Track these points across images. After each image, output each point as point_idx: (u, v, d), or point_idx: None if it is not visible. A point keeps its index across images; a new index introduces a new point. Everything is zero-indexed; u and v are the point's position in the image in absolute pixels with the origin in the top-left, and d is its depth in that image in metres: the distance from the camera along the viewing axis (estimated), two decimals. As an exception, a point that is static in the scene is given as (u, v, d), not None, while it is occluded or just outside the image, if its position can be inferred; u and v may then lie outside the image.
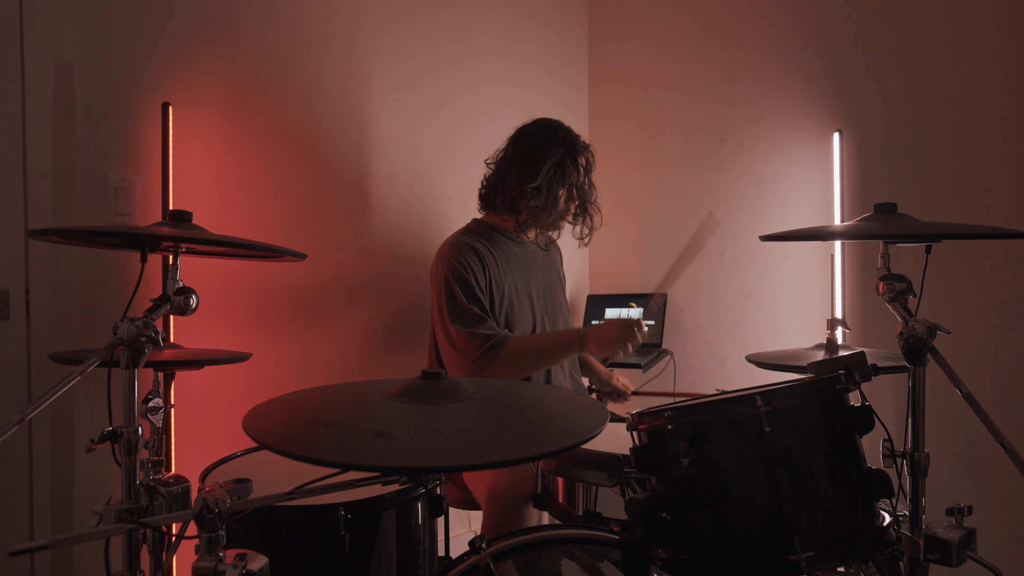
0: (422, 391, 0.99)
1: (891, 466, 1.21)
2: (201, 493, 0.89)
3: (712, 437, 1.02)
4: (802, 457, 1.01)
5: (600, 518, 1.46)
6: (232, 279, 2.02)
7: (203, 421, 1.94)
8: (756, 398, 0.99)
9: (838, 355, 1.23)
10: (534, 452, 0.88)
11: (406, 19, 2.46)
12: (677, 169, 2.84)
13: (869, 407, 1.08)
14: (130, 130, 1.88)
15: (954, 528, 1.15)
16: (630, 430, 1.13)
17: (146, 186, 1.90)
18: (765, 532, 0.98)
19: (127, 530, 0.90)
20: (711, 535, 1.00)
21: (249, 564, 0.91)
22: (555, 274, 2.21)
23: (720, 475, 1.01)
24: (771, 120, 2.55)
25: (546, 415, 1.02)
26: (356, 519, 1.26)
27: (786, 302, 2.52)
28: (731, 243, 2.66)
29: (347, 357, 2.30)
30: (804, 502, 0.98)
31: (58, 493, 1.75)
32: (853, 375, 1.08)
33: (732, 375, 2.65)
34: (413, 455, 0.82)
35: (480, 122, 2.66)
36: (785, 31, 2.51)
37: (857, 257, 2.32)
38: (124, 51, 1.86)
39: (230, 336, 2.01)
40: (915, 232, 1.15)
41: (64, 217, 1.78)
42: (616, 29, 3.09)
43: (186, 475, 1.37)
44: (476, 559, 1.14)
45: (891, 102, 2.23)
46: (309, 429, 0.89)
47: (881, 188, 2.25)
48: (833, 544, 0.98)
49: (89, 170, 1.82)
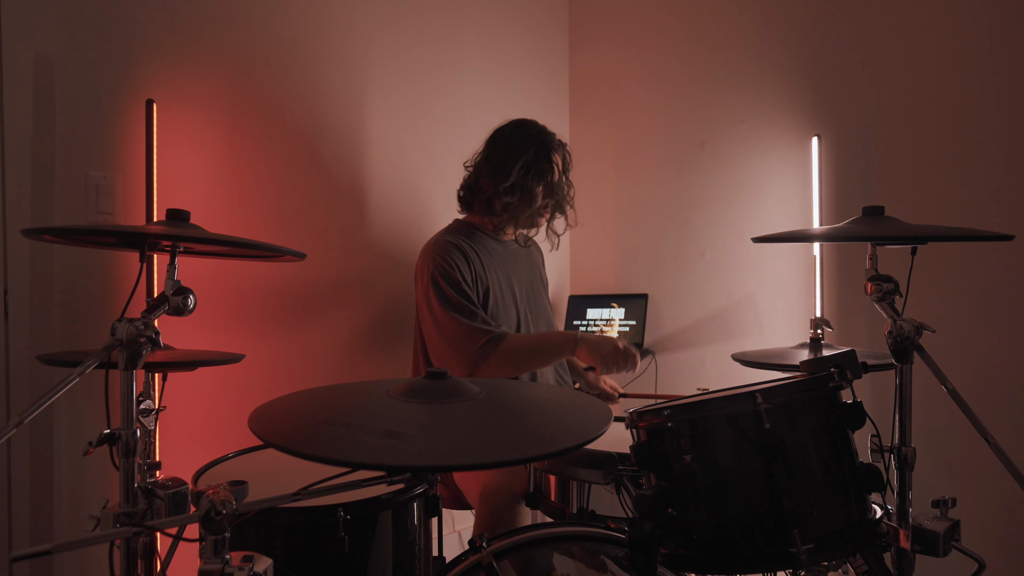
0: (428, 391, 1.00)
1: (879, 460, 1.25)
2: (206, 495, 0.88)
3: (712, 434, 1.05)
4: (800, 452, 1.03)
5: (594, 516, 1.47)
6: (221, 280, 2.00)
7: (189, 423, 1.91)
8: (756, 395, 1.01)
9: (828, 353, 1.26)
10: (545, 450, 0.89)
11: (394, 19, 2.45)
12: (657, 171, 2.88)
13: (861, 403, 1.11)
14: (112, 127, 1.84)
15: (939, 520, 1.19)
16: (630, 428, 1.15)
17: (128, 184, 1.86)
18: (765, 526, 1.00)
19: (132, 534, 0.89)
20: (712, 530, 1.03)
21: (256, 566, 0.91)
22: (537, 274, 2.22)
23: (720, 471, 1.04)
24: (750, 124, 2.60)
25: (552, 414, 1.03)
26: (353, 520, 1.26)
27: (766, 303, 2.58)
28: (711, 245, 2.71)
29: (338, 357, 2.28)
30: (803, 496, 1.01)
31: (38, 498, 1.71)
32: (845, 372, 1.12)
33: (712, 375, 2.69)
34: (427, 454, 0.83)
35: (464, 124, 2.66)
36: (765, 36, 2.57)
37: (835, 258, 2.38)
38: (107, 47, 1.82)
39: (218, 337, 1.98)
40: (903, 234, 1.19)
41: (44, 216, 1.73)
42: (597, 33, 3.12)
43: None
44: (478, 558, 1.14)
45: (868, 107, 2.29)
46: (319, 429, 0.89)
47: (859, 191, 2.31)
48: (831, 536, 1.01)
49: (69, 168, 1.78)
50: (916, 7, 2.19)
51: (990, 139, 2.06)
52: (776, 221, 2.53)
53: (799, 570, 1.26)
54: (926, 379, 1.25)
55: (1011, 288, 2.04)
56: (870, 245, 1.27)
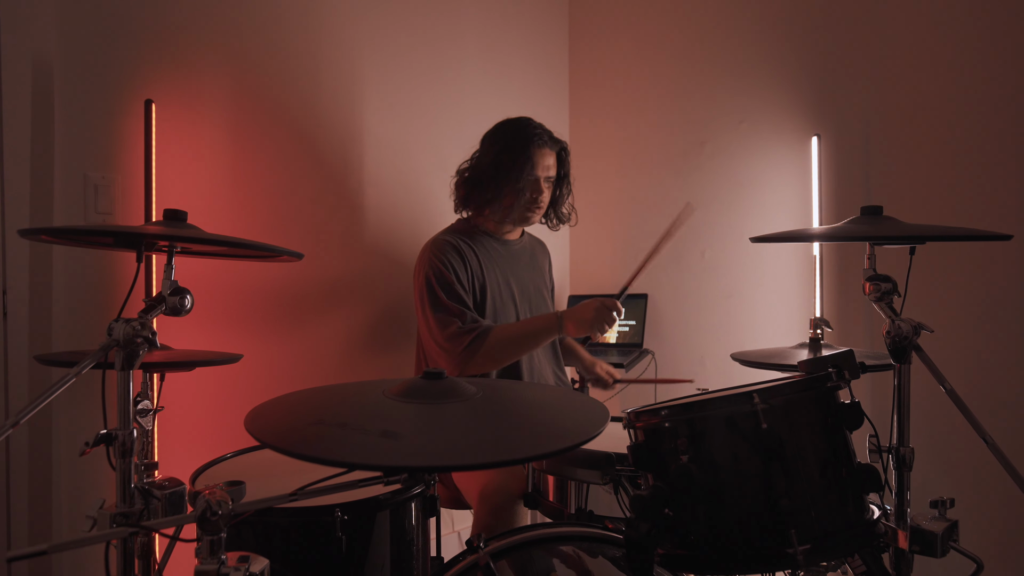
0: (424, 391, 0.99)
1: (877, 461, 1.25)
2: (202, 495, 0.88)
3: (710, 434, 1.04)
4: (797, 453, 1.03)
5: (592, 516, 1.47)
6: (220, 280, 2.00)
7: (187, 423, 1.91)
8: (754, 395, 1.01)
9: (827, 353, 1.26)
10: (541, 451, 0.89)
11: (393, 19, 2.45)
12: (657, 171, 2.88)
13: (858, 404, 1.11)
14: (111, 128, 1.84)
15: (937, 520, 1.19)
16: (627, 428, 1.14)
17: (127, 185, 1.86)
18: (762, 526, 1.00)
19: (128, 534, 0.89)
20: (709, 530, 1.02)
21: (252, 567, 0.90)
22: (540, 277, 2.22)
23: (717, 471, 1.03)
24: (750, 124, 2.59)
25: (548, 414, 1.03)
26: (351, 520, 1.26)
27: (765, 302, 2.57)
28: (711, 244, 2.70)
29: (338, 357, 2.28)
30: (800, 496, 1.01)
31: (36, 499, 1.71)
32: (843, 372, 1.12)
33: (712, 374, 2.69)
34: (423, 454, 0.83)
35: (464, 122, 2.66)
36: (764, 36, 2.56)
37: (834, 258, 2.38)
38: (106, 48, 1.82)
39: (217, 337, 1.98)
40: (902, 234, 1.19)
41: (43, 216, 1.73)
42: (597, 32, 3.12)
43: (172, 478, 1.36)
44: (475, 558, 1.14)
45: (868, 107, 2.29)
46: (315, 430, 0.89)
47: (858, 191, 2.31)
48: (828, 537, 1.00)
49: (68, 168, 1.78)
50: (917, 6, 2.18)
51: (991, 138, 2.06)
52: (776, 221, 2.52)
53: (796, 571, 1.26)
54: (925, 379, 1.24)
55: (1010, 288, 2.03)
56: (868, 245, 1.26)
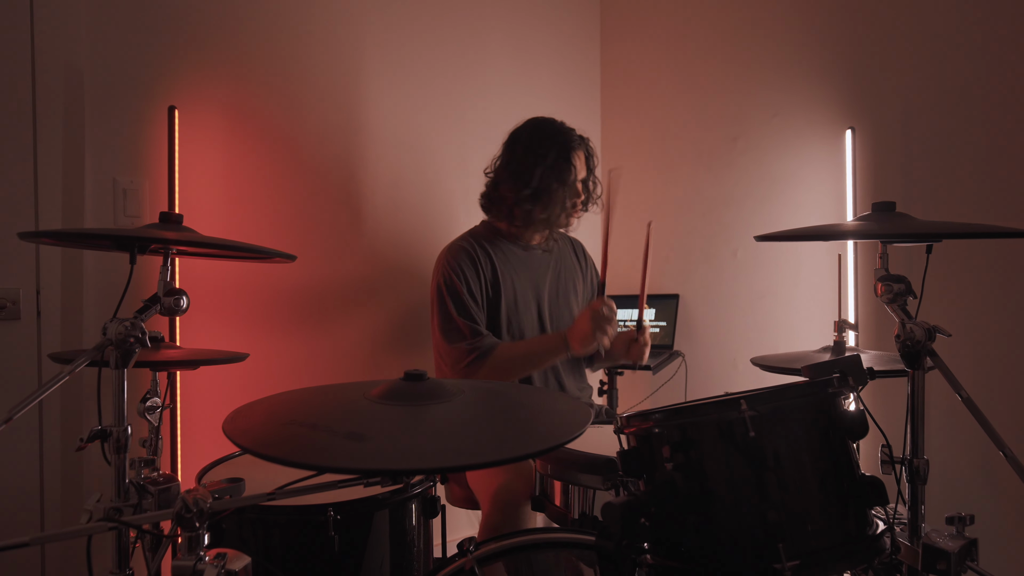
0: (403, 393, 0.99)
1: (890, 472, 1.18)
2: (182, 493, 0.90)
3: (698, 441, 1.00)
4: (789, 463, 0.98)
5: (596, 521, 1.44)
6: (236, 280, 2.05)
7: (208, 421, 1.97)
8: (741, 402, 0.96)
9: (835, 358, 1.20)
10: (512, 454, 0.87)
11: (411, 18, 2.46)
12: (689, 168, 2.80)
13: (863, 412, 1.05)
14: (138, 134, 1.91)
15: (955, 538, 1.11)
16: (618, 433, 1.11)
17: (155, 188, 1.93)
18: (750, 539, 0.96)
19: (107, 528, 0.91)
20: (697, 541, 0.98)
21: (229, 564, 0.92)
22: (569, 279, 2.13)
23: (705, 480, 0.99)
24: (783, 117, 2.50)
25: (528, 416, 1.01)
26: (348, 520, 1.26)
27: (798, 303, 2.47)
28: (743, 243, 2.62)
29: (349, 357, 2.31)
30: (790, 509, 0.96)
31: (68, 493, 1.79)
32: (847, 379, 1.05)
33: (744, 377, 2.60)
34: (386, 457, 0.82)
35: (489, 122, 2.64)
36: (797, 28, 2.47)
37: (870, 257, 2.26)
38: (132, 56, 1.89)
39: (233, 336, 2.03)
40: (914, 231, 1.12)
41: (74, 219, 1.81)
42: (628, 28, 3.06)
43: (192, 475, 1.39)
44: (462, 562, 1.13)
45: (904, 99, 2.17)
46: (285, 431, 0.90)
47: (894, 186, 2.19)
48: (820, 552, 0.95)
49: (99, 173, 1.86)
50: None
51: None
52: (810, 218, 2.42)
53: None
54: (941, 386, 1.17)
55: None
56: (880, 243, 1.20)
